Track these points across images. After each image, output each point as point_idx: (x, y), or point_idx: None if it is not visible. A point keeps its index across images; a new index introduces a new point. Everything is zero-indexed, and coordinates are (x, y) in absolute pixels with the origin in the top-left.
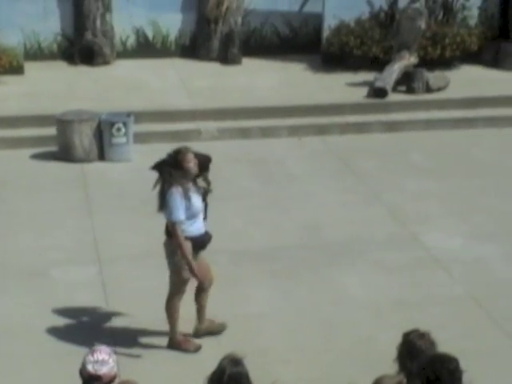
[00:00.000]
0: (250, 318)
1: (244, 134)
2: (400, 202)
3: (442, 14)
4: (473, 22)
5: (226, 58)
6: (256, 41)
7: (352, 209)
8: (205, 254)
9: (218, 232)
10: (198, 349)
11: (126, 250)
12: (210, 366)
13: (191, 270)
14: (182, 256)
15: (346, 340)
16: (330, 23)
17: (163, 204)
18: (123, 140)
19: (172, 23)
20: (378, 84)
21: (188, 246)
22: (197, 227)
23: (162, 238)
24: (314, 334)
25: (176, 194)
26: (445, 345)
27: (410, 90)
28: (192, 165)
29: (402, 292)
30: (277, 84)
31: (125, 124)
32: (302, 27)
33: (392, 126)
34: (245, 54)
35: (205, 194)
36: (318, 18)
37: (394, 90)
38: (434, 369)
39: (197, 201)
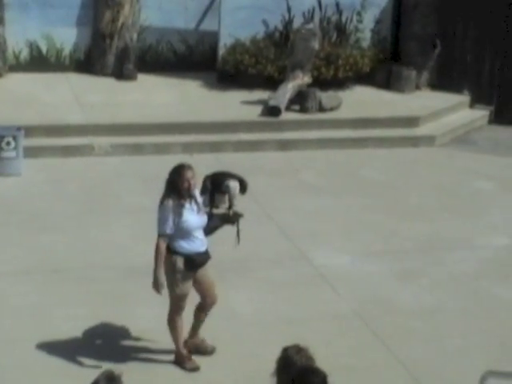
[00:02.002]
0: (138, 333)
1: (137, 150)
2: (291, 220)
3: (335, 35)
4: (366, 43)
5: (121, 74)
6: (152, 57)
7: (243, 226)
8: (91, 270)
9: (107, 247)
10: (194, 369)
11: (10, 266)
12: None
13: (154, 282)
14: (154, 266)
15: (232, 356)
16: (225, 41)
17: None
18: (13, 154)
19: (66, 37)
20: (272, 103)
21: (178, 263)
22: (193, 245)
23: (49, 253)
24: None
25: (165, 208)
26: (329, 361)
27: (303, 110)
28: (187, 184)
29: (288, 309)
30: (172, 101)
31: (14, 138)
32: (198, 45)
33: (285, 145)
34: (140, 70)
35: (232, 218)
36: (214, 36)
37: (288, 108)
38: (301, 381)
39: (191, 218)
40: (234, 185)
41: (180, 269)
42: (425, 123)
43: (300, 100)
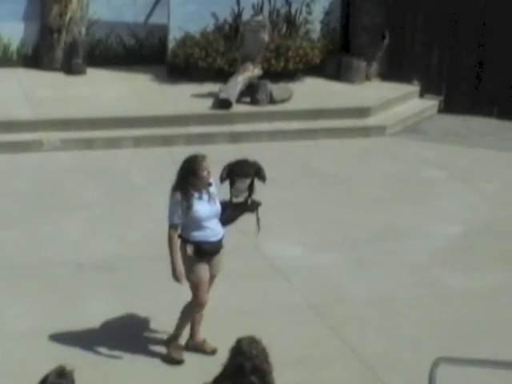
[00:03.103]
0: (90, 330)
1: (88, 144)
2: None
3: (285, 27)
4: (315, 35)
5: (69, 69)
6: (101, 51)
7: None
8: (43, 266)
9: (58, 243)
10: (177, 362)
11: None
12: None
13: (173, 271)
14: (170, 255)
15: (188, 351)
16: (175, 35)
17: None
18: None
19: (14, 32)
20: (223, 95)
21: (189, 250)
22: (203, 234)
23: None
24: (153, 345)
25: (175, 198)
26: (284, 352)
27: (254, 102)
28: (206, 173)
29: (242, 301)
30: (122, 95)
31: None
32: (148, 38)
33: (236, 137)
34: (89, 64)
35: (251, 207)
36: (164, 30)
37: (239, 101)
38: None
39: (202, 208)
40: (241, 183)
41: (191, 256)
42: (375, 113)
43: (251, 92)
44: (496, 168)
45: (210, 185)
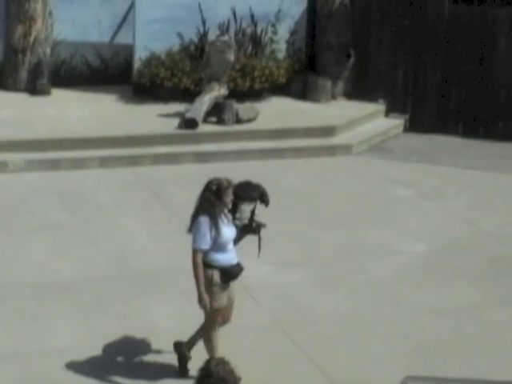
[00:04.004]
0: (54, 352)
1: (53, 165)
2: None
3: (250, 46)
4: (281, 55)
5: (34, 89)
6: (66, 72)
7: (161, 239)
8: (7, 287)
9: (23, 264)
10: None
11: None
12: None
13: (200, 299)
14: (196, 283)
15: (155, 372)
16: (140, 55)
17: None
18: None
19: None
20: (189, 115)
21: (215, 276)
22: (227, 257)
23: None
24: (122, 366)
25: (203, 223)
26: (252, 372)
27: (221, 121)
28: (229, 199)
29: None
30: (87, 115)
31: None
32: (113, 58)
33: (203, 157)
34: (54, 84)
35: (255, 229)
36: (129, 50)
37: (205, 121)
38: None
39: (227, 231)
40: (246, 207)
41: (217, 282)
42: (341, 132)
43: (217, 112)
44: (462, 186)
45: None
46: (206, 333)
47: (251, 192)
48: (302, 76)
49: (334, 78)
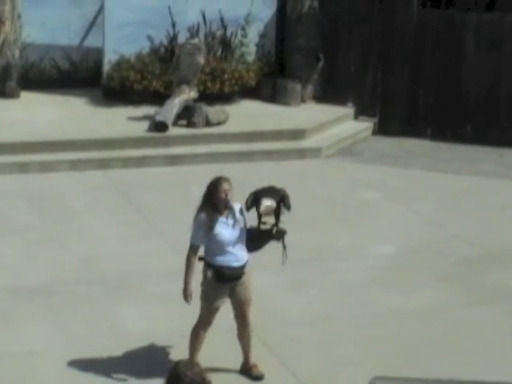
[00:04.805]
0: (24, 355)
1: (22, 168)
2: (179, 235)
3: (220, 49)
4: (251, 58)
5: (3, 92)
6: (35, 74)
7: (132, 242)
8: None
9: None
10: None
11: None
12: None
13: (183, 290)
14: (184, 274)
15: (125, 375)
16: (110, 57)
17: None
18: None
19: None
20: (159, 118)
21: (208, 275)
22: (224, 259)
23: None
24: (90, 370)
25: (198, 219)
26: (221, 374)
27: (191, 124)
28: (224, 196)
29: (181, 323)
30: (57, 118)
31: None
32: (83, 61)
33: (173, 160)
34: (23, 87)
35: (276, 235)
36: (99, 53)
37: (175, 124)
38: None
39: (224, 232)
40: (265, 203)
41: (210, 280)
42: (311, 135)
43: (187, 115)
44: (430, 189)
45: (230, 208)
46: (194, 328)
47: (273, 195)
48: (272, 79)
49: (304, 82)
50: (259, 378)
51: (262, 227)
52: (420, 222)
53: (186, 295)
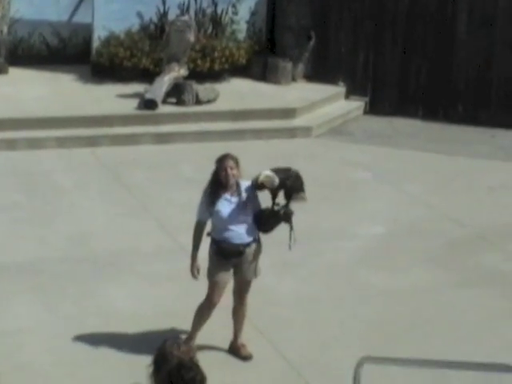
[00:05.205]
0: (12, 333)
1: (10, 145)
2: (169, 214)
3: (211, 27)
4: (241, 35)
5: None
6: (24, 50)
7: (120, 221)
8: None
9: None
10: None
11: None
12: None
13: (190, 267)
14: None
15: (112, 354)
16: (99, 34)
17: None
18: None
19: None
20: (148, 96)
21: (211, 250)
22: (225, 235)
23: None
24: (79, 348)
25: (203, 195)
26: (210, 353)
27: (180, 102)
28: (224, 173)
29: (169, 302)
30: (45, 94)
31: None
32: (72, 37)
33: (162, 138)
34: (12, 63)
35: (283, 217)
36: (88, 29)
37: (164, 101)
38: (171, 375)
39: (224, 209)
40: (264, 173)
41: (212, 255)
42: (301, 114)
43: (176, 93)
44: (420, 169)
45: (237, 186)
46: (199, 306)
47: (280, 173)
48: (263, 57)
49: (295, 60)
50: (247, 358)
51: (275, 208)
52: (410, 202)
53: (192, 271)
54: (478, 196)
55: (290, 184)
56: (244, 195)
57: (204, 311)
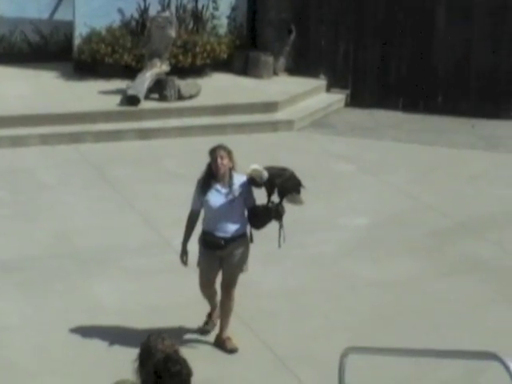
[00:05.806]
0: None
1: None
2: (153, 209)
3: (192, 22)
4: (222, 30)
5: None
6: (5, 48)
7: (105, 217)
8: None
9: None
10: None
11: None
12: None
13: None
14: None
15: (98, 349)
16: (81, 31)
17: None
18: None
19: None
20: (131, 92)
21: (199, 238)
22: (210, 226)
23: None
24: (65, 344)
25: (196, 184)
26: (195, 347)
27: (163, 98)
28: (216, 164)
29: (155, 297)
30: (27, 92)
31: None
32: (53, 35)
33: (145, 134)
34: None
35: (274, 214)
36: (69, 26)
37: (147, 97)
38: (157, 368)
39: (212, 200)
40: (251, 166)
41: (200, 245)
42: (283, 108)
43: (159, 88)
44: (402, 160)
45: (230, 178)
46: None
47: (273, 171)
48: (244, 52)
49: (276, 54)
50: (233, 351)
51: (269, 205)
52: (392, 193)
53: (182, 259)
54: (459, 186)
55: (280, 182)
56: (236, 188)
57: (203, 292)
